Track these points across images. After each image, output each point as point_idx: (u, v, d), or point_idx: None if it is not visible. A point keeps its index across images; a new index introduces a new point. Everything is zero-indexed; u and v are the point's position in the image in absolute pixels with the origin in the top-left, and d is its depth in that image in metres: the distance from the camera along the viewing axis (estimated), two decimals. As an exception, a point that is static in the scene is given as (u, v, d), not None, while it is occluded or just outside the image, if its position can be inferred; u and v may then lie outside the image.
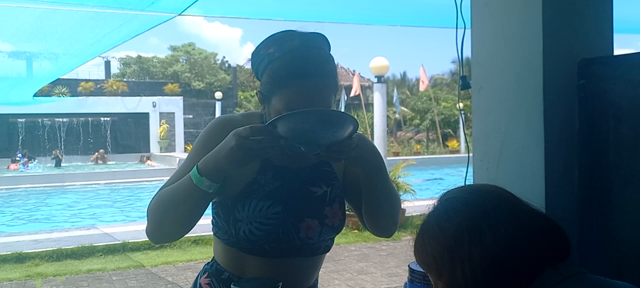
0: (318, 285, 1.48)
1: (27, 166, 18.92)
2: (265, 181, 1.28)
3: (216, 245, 1.38)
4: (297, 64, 1.20)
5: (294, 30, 1.25)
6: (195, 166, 1.18)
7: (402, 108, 28.41)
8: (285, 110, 1.18)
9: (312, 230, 1.30)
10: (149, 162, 20.06)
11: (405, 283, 1.23)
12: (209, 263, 1.41)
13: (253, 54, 1.30)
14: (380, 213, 1.33)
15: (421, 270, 1.20)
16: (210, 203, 1.30)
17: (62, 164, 19.88)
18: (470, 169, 1.58)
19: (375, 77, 7.89)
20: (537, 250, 0.90)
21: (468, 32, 1.63)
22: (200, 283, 1.38)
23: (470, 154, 1.59)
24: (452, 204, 0.98)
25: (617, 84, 1.34)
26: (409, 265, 1.22)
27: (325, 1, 4.69)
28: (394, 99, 24.00)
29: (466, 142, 1.77)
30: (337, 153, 1.16)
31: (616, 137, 1.33)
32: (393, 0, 4.18)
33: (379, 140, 7.87)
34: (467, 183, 1.57)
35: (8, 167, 18.92)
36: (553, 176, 1.39)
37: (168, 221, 1.25)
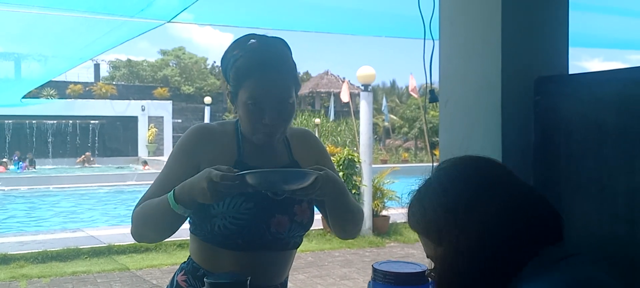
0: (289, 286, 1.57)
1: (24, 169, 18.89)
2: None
3: (192, 244, 1.47)
4: (256, 57, 1.36)
5: (254, 34, 1.42)
6: (173, 191, 1.30)
7: (391, 116, 28.60)
8: (249, 99, 1.34)
9: (282, 226, 1.40)
10: (146, 166, 20.01)
11: (369, 282, 1.32)
12: (185, 262, 1.50)
13: (222, 60, 1.45)
14: (343, 224, 1.48)
15: (383, 269, 1.30)
16: None
17: (36, 167, 19.73)
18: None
19: (362, 85, 8.02)
20: (539, 225, 0.92)
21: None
22: (177, 280, 1.47)
23: (435, 163, 1.69)
24: (457, 170, 0.97)
25: (568, 101, 1.45)
26: (372, 265, 1.32)
27: (312, 11, 4.79)
28: (383, 107, 24.19)
29: (430, 151, 1.88)
30: (301, 196, 1.32)
31: (567, 150, 1.43)
32: (378, 12, 4.29)
33: (364, 148, 7.97)
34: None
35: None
36: (510, 185, 1.49)
37: (150, 231, 1.41)
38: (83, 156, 21.46)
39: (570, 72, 1.63)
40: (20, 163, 19.28)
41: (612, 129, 1.35)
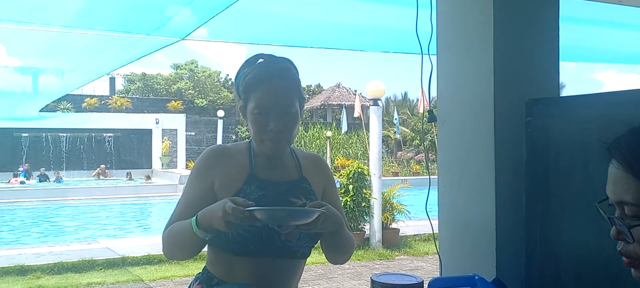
0: None
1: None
2: (250, 190, 1.51)
3: (209, 254, 1.59)
4: (263, 71, 1.51)
5: (262, 53, 1.56)
6: (196, 217, 1.43)
7: (403, 128, 28.60)
8: (256, 108, 1.47)
9: (291, 235, 1.51)
10: (149, 180, 20.27)
11: (369, 293, 1.41)
12: (200, 272, 1.62)
13: (235, 78, 1.60)
14: (336, 253, 1.60)
15: (381, 280, 1.39)
16: None
17: (48, 180, 20.03)
18: (433, 193, 1.77)
19: (371, 99, 8.13)
20: None
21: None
22: None
23: (432, 177, 1.78)
24: None
25: (557, 122, 1.54)
26: (371, 277, 1.41)
27: (323, 28, 4.91)
28: (394, 119, 24.22)
29: (427, 167, 1.97)
30: (304, 230, 1.42)
31: (555, 168, 1.52)
32: (384, 29, 4.40)
33: (374, 161, 8.05)
34: (427, 207, 1.77)
35: (9, 182, 19.15)
36: (503, 200, 1.58)
37: (178, 252, 1.57)
38: (98, 169, 21.78)
39: (585, 83, 1.73)
40: (23, 173, 19.60)
41: (597, 148, 1.43)
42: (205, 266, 1.60)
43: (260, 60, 1.54)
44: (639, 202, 0.78)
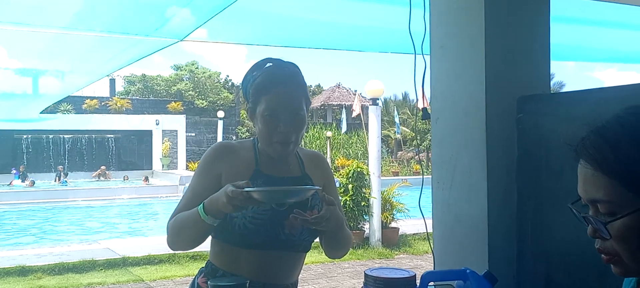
0: None
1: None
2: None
3: (213, 248, 1.63)
4: (273, 76, 1.57)
5: (270, 58, 1.62)
6: (203, 204, 1.47)
7: (403, 128, 28.60)
8: (266, 111, 1.54)
9: (294, 228, 1.55)
10: (146, 182, 20.29)
11: None
12: (203, 266, 1.67)
13: (242, 81, 1.66)
14: (334, 249, 1.67)
15: (374, 274, 1.41)
16: None
17: (62, 180, 20.07)
18: (427, 190, 1.80)
19: (370, 99, 8.15)
20: None
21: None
22: (197, 283, 1.63)
23: (427, 176, 1.80)
24: None
25: (548, 118, 1.56)
26: (364, 272, 1.43)
27: (322, 29, 4.94)
28: (395, 118, 24.24)
29: (421, 166, 1.99)
30: (314, 225, 1.47)
31: (547, 165, 1.54)
32: (382, 30, 4.43)
33: (373, 161, 8.07)
34: (420, 204, 1.79)
35: (10, 183, 19.18)
36: (494, 197, 1.60)
37: (184, 239, 1.60)
38: (99, 170, 21.81)
39: (584, 82, 1.75)
40: (17, 176, 19.64)
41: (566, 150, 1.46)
42: (208, 260, 1.64)
43: (269, 64, 1.60)
44: (612, 199, 0.79)
